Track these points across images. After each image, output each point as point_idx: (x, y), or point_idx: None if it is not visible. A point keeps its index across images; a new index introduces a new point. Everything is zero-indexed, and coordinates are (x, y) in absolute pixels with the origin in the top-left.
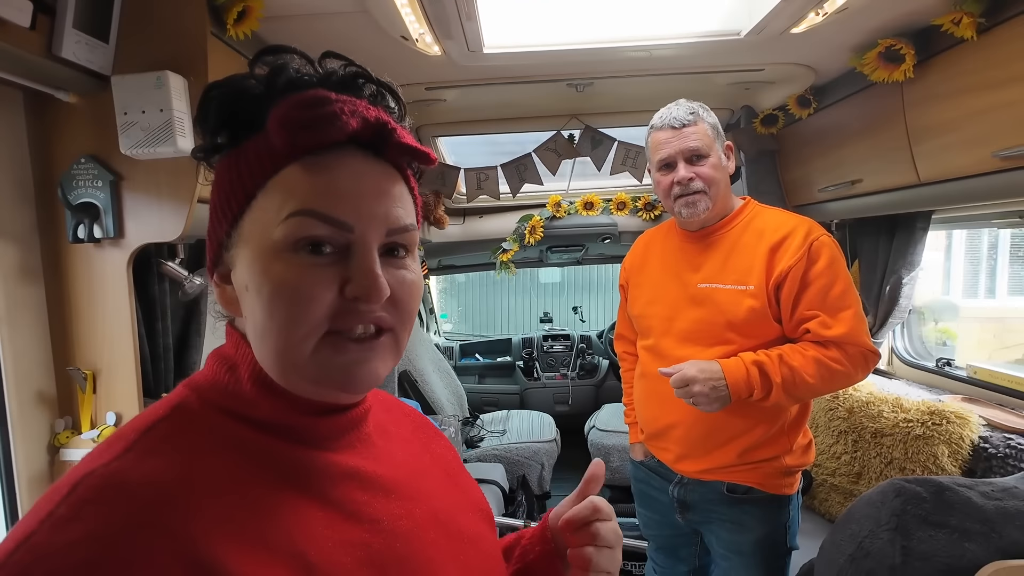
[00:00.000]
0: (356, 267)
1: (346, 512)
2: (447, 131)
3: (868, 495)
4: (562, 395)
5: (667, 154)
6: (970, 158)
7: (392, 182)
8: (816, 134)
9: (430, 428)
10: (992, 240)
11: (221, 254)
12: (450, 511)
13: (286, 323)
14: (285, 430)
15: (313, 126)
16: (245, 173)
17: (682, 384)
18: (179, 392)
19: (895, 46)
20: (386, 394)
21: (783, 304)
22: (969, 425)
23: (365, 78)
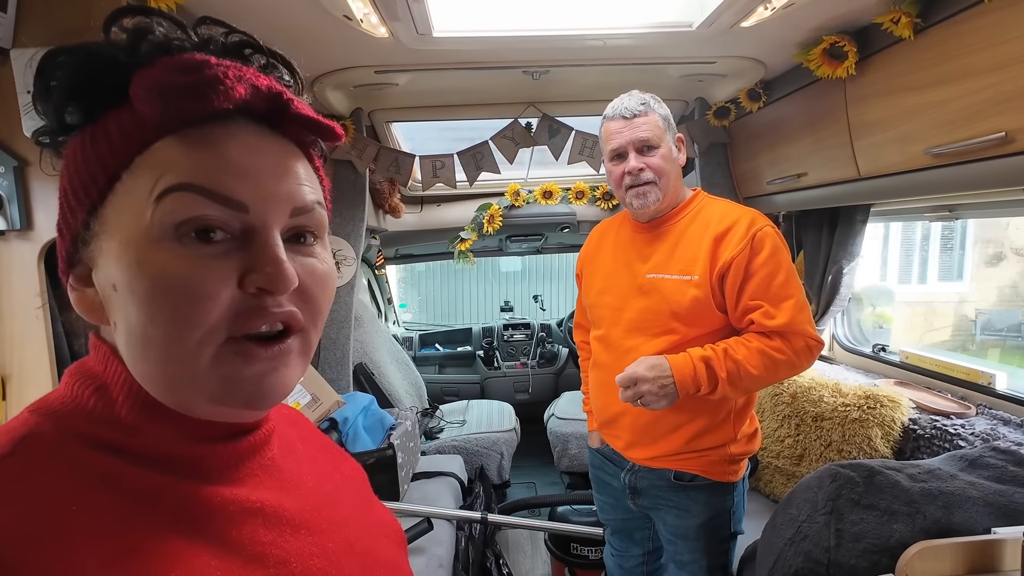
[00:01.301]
0: (257, 253)
1: (248, 557)
2: (401, 116)
3: (807, 480)
4: (522, 384)
5: (618, 144)
6: (904, 155)
7: (294, 159)
8: (765, 128)
9: (336, 448)
10: (925, 231)
11: (78, 250)
12: (366, 539)
13: (175, 328)
14: (172, 462)
15: (193, 92)
16: (105, 152)
17: (630, 383)
18: (24, 420)
19: (839, 43)
20: (287, 407)
21: (728, 294)
22: (900, 408)
23: (252, 47)
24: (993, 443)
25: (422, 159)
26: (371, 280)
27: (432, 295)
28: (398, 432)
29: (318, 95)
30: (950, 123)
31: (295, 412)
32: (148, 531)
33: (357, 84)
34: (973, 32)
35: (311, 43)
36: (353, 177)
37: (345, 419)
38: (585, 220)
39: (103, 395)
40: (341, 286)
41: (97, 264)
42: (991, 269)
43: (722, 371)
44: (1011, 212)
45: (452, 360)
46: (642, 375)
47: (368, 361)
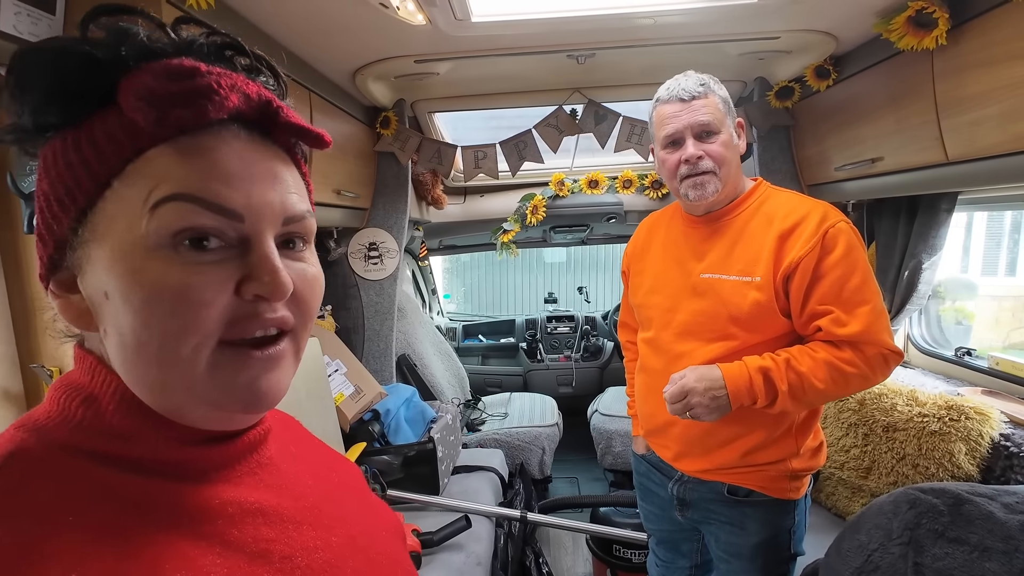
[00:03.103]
0: (255, 262)
1: (252, 554)
2: (442, 107)
3: (879, 503)
4: (566, 377)
5: (674, 129)
6: (1006, 134)
7: (284, 166)
8: (834, 108)
9: (329, 450)
10: (1016, 217)
11: (63, 255)
12: (368, 535)
13: (171, 335)
14: (167, 467)
15: (187, 101)
16: (92, 158)
17: (679, 398)
18: (10, 436)
19: (927, 8)
20: (280, 411)
21: (793, 298)
22: (989, 421)
23: (235, 49)
24: None
25: (464, 149)
26: (415, 271)
27: (476, 285)
28: (439, 425)
29: (360, 87)
30: None
31: (287, 416)
32: (149, 537)
33: (398, 75)
34: None
35: (348, 34)
36: (396, 169)
37: (387, 411)
38: (633, 210)
39: (91, 405)
40: (384, 278)
41: (84, 271)
42: None
43: (783, 384)
44: None
45: (495, 352)
46: (691, 387)
47: (411, 352)
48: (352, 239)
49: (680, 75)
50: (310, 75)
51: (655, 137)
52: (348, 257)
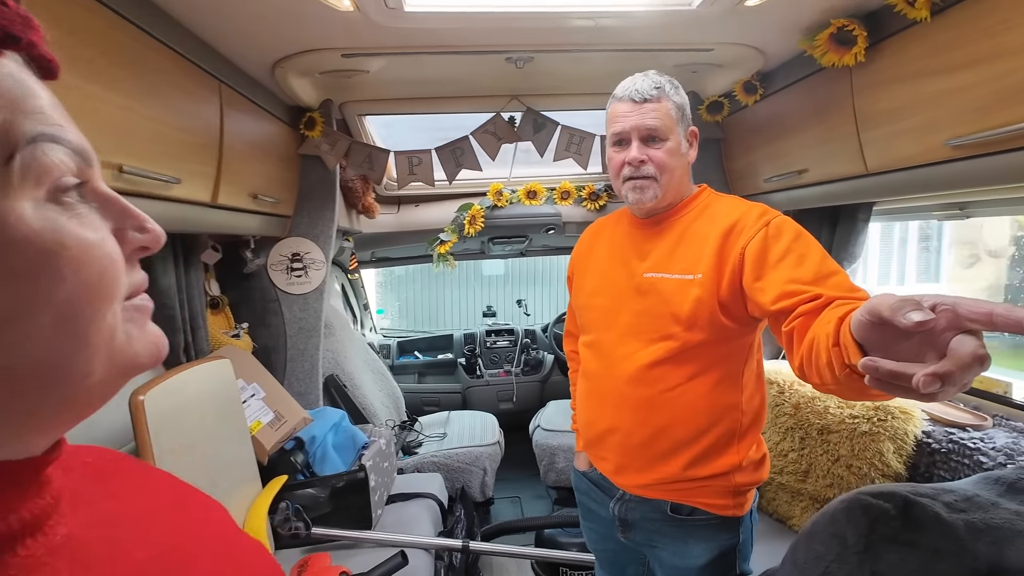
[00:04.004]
0: (118, 210)
1: None
2: (374, 109)
3: (831, 511)
4: (506, 392)
5: (621, 128)
6: (920, 146)
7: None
8: (762, 122)
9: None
10: (903, 231)
11: None
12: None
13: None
14: None
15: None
16: None
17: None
18: None
19: (848, 27)
20: (95, 452)
21: (748, 289)
22: (913, 420)
23: None
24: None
25: (397, 155)
26: (345, 285)
27: (412, 300)
28: (371, 451)
29: (280, 82)
30: (975, 111)
31: (105, 457)
32: None
33: (324, 70)
34: (1003, 9)
35: (267, 21)
36: (322, 174)
37: (313, 438)
38: (571, 221)
39: None
40: (309, 292)
41: None
42: (967, 271)
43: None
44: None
45: (432, 368)
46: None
47: (340, 373)
48: (273, 249)
49: (639, 74)
50: (221, 65)
51: (607, 133)
52: (268, 269)
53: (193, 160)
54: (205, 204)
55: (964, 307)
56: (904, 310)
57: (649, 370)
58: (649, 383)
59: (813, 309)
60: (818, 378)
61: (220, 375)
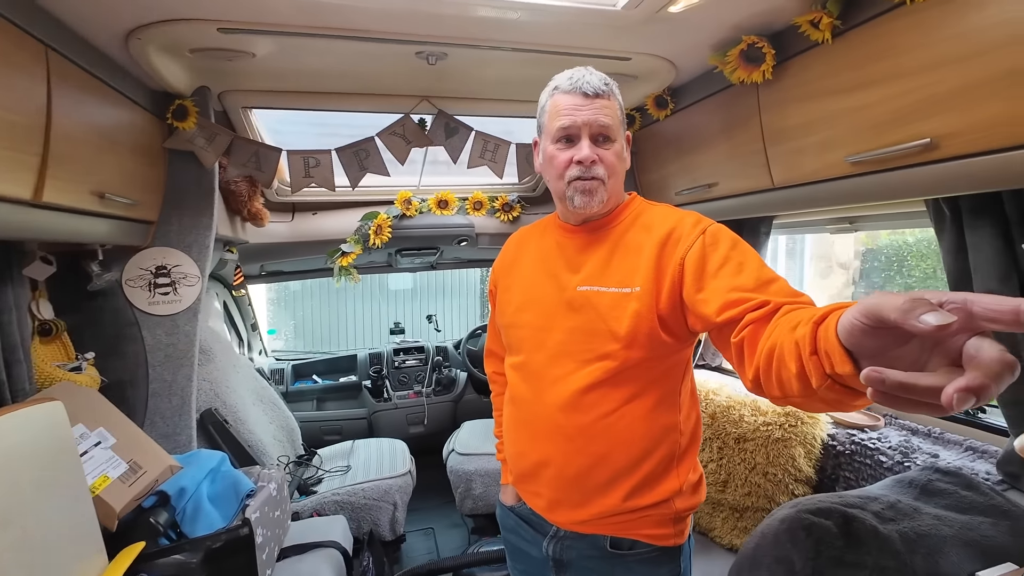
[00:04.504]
0: None
1: None
2: (263, 102)
3: (772, 532)
4: (417, 415)
5: (571, 123)
6: (822, 162)
7: None
8: (674, 136)
9: None
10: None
11: None
12: None
13: None
14: None
15: None
16: None
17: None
18: None
19: (757, 44)
20: None
21: (688, 300)
22: (819, 424)
23: None
24: (935, 465)
25: (291, 155)
26: (227, 303)
27: (310, 318)
28: (258, 500)
29: (138, 58)
30: (872, 128)
31: None
32: None
33: (196, 47)
34: (899, 33)
35: None
36: (198, 173)
37: (181, 490)
38: (484, 233)
39: None
40: (179, 312)
41: None
42: (823, 280)
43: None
44: (907, 224)
45: (334, 393)
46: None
47: (220, 406)
48: (130, 262)
49: (582, 68)
50: (49, 26)
51: (544, 129)
52: (123, 285)
53: (2, 144)
54: (24, 202)
55: (981, 305)
56: (917, 312)
57: (585, 395)
58: (585, 409)
59: (762, 317)
60: (779, 391)
61: (47, 422)
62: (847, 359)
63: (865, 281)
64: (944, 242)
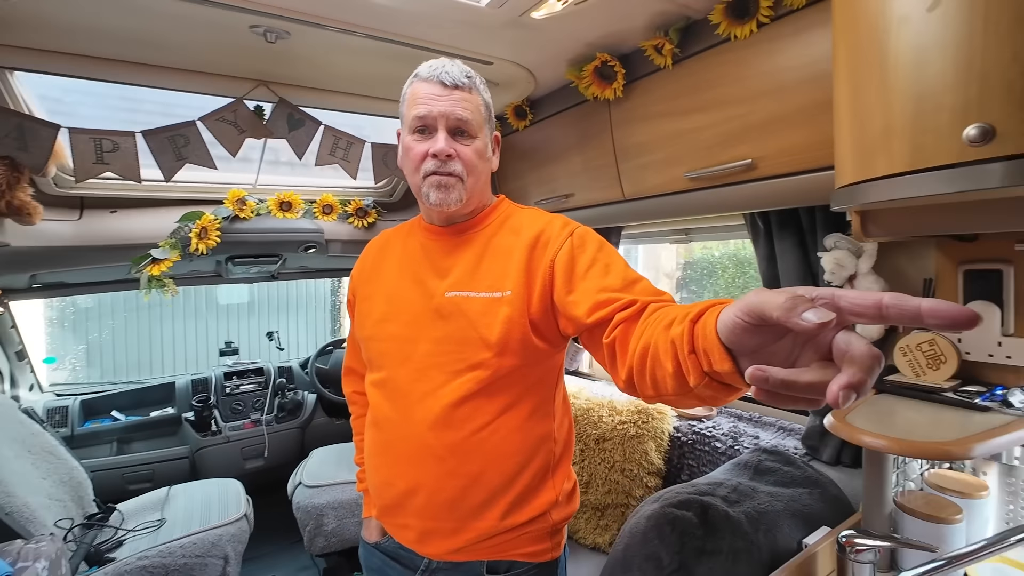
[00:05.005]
0: None
1: None
2: (31, 63)
3: (640, 530)
4: (255, 447)
5: (427, 112)
6: (665, 177)
7: None
8: (533, 147)
9: None
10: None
11: None
12: None
13: None
14: None
15: None
16: None
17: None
18: None
19: (610, 63)
20: None
21: (559, 302)
22: (667, 419)
23: None
24: (760, 445)
25: (75, 133)
26: None
27: (109, 341)
28: None
29: None
30: (705, 149)
31: None
32: None
33: None
34: (723, 65)
35: None
36: None
37: None
38: (335, 239)
39: None
40: None
41: None
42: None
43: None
44: (731, 236)
45: (142, 431)
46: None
47: None
48: None
49: (445, 59)
50: None
51: (403, 118)
52: None
53: None
54: None
55: (847, 300)
56: (799, 310)
57: (456, 409)
58: (457, 425)
59: (631, 316)
60: (653, 389)
61: None
62: (726, 357)
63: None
64: (759, 251)
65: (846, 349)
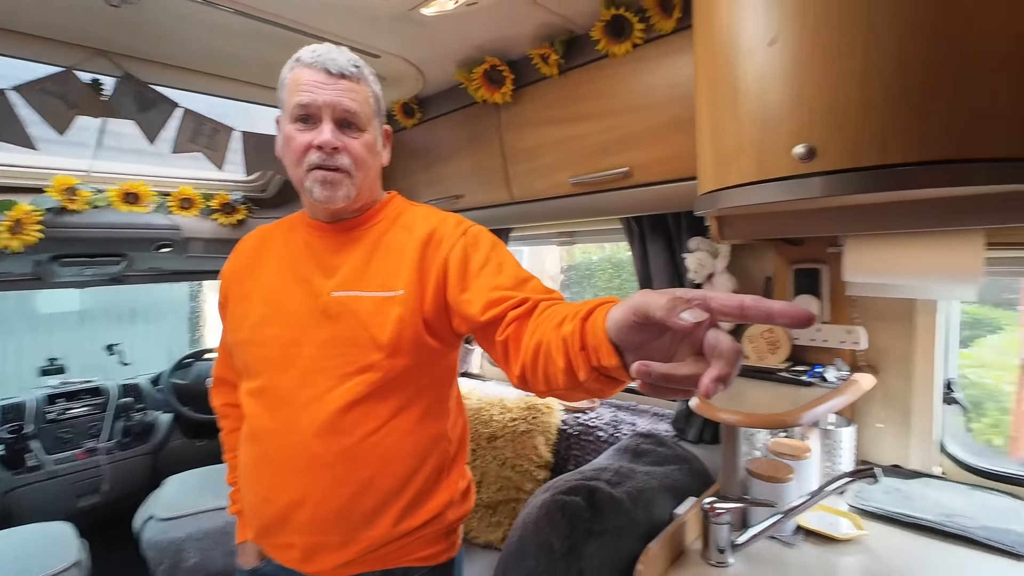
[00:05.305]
0: None
1: None
2: None
3: (532, 520)
4: (90, 481)
5: (310, 100)
6: (550, 182)
7: None
8: (422, 147)
9: None
10: None
11: None
12: None
13: None
14: None
15: None
16: None
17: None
18: None
19: (499, 67)
20: None
21: (452, 300)
22: (554, 413)
23: None
24: (638, 430)
25: None
26: None
27: None
28: None
29: None
30: (588, 156)
31: None
32: None
33: None
34: (604, 80)
35: None
36: None
37: None
38: (197, 238)
39: None
40: None
41: None
42: None
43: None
44: (611, 239)
45: None
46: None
47: None
48: None
49: (331, 45)
50: None
51: (283, 105)
52: None
53: None
54: None
55: (716, 301)
56: (678, 310)
57: (346, 414)
58: (346, 430)
59: (523, 314)
60: (545, 384)
61: None
62: (614, 353)
63: (568, 289)
64: (634, 252)
65: (715, 345)
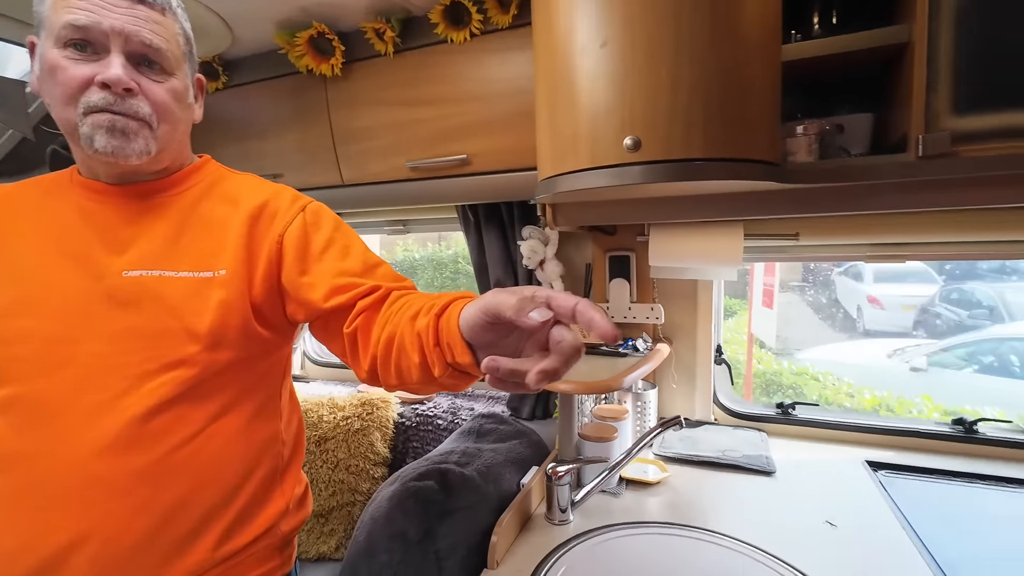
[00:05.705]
0: None
1: None
2: None
3: (382, 513)
4: None
5: (90, 22)
6: (387, 165)
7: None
8: (232, 115)
9: None
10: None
11: None
12: None
13: None
14: None
15: None
16: None
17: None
18: None
19: (327, 35)
20: None
21: (290, 288)
22: (390, 406)
23: None
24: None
25: None
26: None
27: None
28: None
29: None
30: (426, 140)
31: None
32: None
33: None
34: (442, 65)
35: None
36: None
37: None
38: None
39: None
40: None
41: None
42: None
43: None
44: (446, 228)
45: None
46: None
47: None
48: None
49: None
50: None
51: (43, 22)
52: None
53: None
54: None
55: (555, 303)
56: (526, 310)
57: (148, 421)
58: (150, 442)
59: (373, 303)
60: (397, 379)
61: None
62: (467, 350)
63: None
64: (470, 241)
65: (559, 341)
